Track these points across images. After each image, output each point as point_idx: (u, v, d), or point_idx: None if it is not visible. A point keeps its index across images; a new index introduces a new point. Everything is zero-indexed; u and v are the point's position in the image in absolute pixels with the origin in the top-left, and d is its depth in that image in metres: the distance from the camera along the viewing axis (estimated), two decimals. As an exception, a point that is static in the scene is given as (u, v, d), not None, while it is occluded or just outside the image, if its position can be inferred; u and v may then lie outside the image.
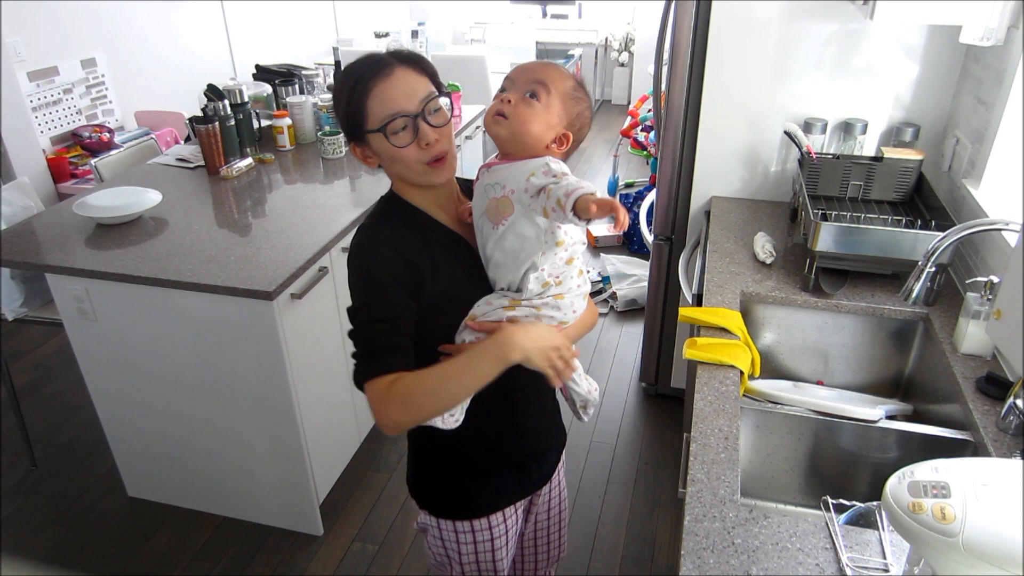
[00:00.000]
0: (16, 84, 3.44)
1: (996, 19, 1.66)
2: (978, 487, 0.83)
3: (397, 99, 1.08)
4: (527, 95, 1.12)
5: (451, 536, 1.34)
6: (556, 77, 1.14)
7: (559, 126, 1.14)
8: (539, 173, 1.08)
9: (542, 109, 1.11)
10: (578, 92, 1.16)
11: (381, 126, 1.08)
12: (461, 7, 7.03)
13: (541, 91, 1.12)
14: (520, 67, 1.16)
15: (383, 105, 1.08)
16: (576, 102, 1.16)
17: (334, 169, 2.65)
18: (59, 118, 3.73)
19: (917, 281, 1.44)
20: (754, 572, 1.07)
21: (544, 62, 1.21)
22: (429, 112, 1.10)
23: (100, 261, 1.98)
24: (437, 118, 1.11)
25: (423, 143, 1.09)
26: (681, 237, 2.55)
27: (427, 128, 1.09)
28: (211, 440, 2.18)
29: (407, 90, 1.09)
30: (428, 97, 1.10)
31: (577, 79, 1.19)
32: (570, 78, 1.17)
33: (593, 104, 1.21)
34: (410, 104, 1.08)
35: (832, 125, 2.21)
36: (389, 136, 1.08)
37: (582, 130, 1.18)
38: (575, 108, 1.15)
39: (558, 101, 1.13)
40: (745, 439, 1.53)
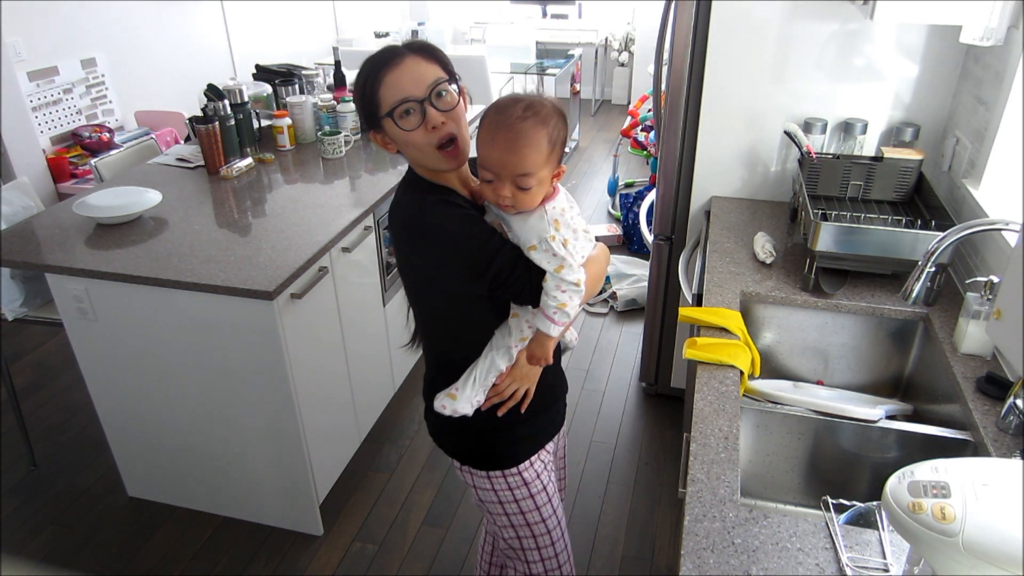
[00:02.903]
0: (16, 84, 3.44)
1: (996, 19, 1.66)
2: (978, 487, 0.83)
3: (405, 85, 1.15)
4: (518, 188, 1.14)
5: (508, 495, 1.42)
6: (532, 152, 1.12)
7: (552, 174, 1.18)
8: (540, 249, 1.17)
9: (537, 186, 1.15)
10: (553, 133, 1.14)
11: (390, 111, 1.15)
12: (461, 7, 7.03)
13: (529, 179, 1.13)
14: (498, 147, 1.13)
15: (393, 92, 1.15)
16: (556, 146, 1.16)
17: (334, 169, 2.65)
18: (59, 118, 3.73)
19: (917, 281, 1.44)
20: (754, 572, 1.07)
21: (511, 134, 1.12)
22: (435, 96, 1.16)
23: (100, 261, 1.98)
24: (443, 102, 1.17)
25: (430, 126, 1.15)
26: (681, 237, 2.55)
27: (433, 112, 1.15)
28: (211, 440, 2.18)
29: (415, 76, 1.15)
30: (436, 82, 1.16)
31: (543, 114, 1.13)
32: (541, 134, 1.12)
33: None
34: (417, 90, 1.15)
35: (832, 125, 2.21)
36: (397, 120, 1.15)
37: (565, 143, 1.20)
38: (559, 151, 1.17)
39: (544, 166, 1.14)
40: (745, 439, 1.53)
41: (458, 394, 1.29)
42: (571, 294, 1.19)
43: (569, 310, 1.20)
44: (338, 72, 3.16)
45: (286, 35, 5.39)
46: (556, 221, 1.18)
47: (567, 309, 1.20)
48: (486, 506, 1.47)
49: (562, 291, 1.18)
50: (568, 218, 1.20)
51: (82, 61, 3.83)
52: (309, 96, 2.98)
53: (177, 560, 2.21)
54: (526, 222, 1.18)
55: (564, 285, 1.18)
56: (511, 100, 1.15)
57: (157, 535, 2.30)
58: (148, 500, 2.43)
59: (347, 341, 2.33)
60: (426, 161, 1.20)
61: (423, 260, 1.22)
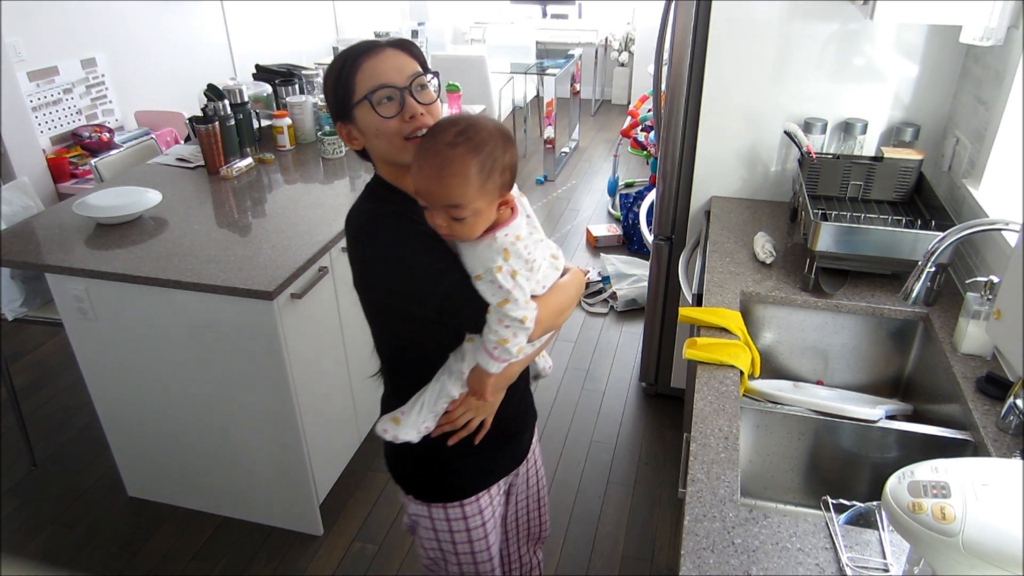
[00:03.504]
0: (16, 84, 3.44)
1: (996, 19, 1.66)
2: (978, 487, 0.83)
3: (386, 72, 1.10)
4: (452, 218, 1.05)
5: (444, 525, 1.35)
6: (460, 183, 1.02)
7: (494, 204, 1.07)
8: (485, 280, 1.09)
9: (473, 217, 1.05)
10: (488, 161, 1.03)
11: (368, 94, 1.10)
12: (461, 7, 7.03)
13: (460, 211, 1.04)
14: (425, 175, 1.04)
15: (371, 78, 1.10)
16: (493, 175, 1.04)
17: (334, 169, 2.65)
18: (59, 118, 3.73)
19: (917, 281, 1.44)
20: (754, 572, 1.07)
21: (438, 161, 1.03)
22: (416, 88, 1.12)
23: (100, 261, 1.98)
24: (424, 95, 1.13)
25: (407, 115, 1.10)
26: (681, 237, 2.55)
27: (413, 101, 1.11)
28: (211, 440, 2.18)
29: (396, 66, 1.11)
30: (417, 74, 1.12)
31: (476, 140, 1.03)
32: (471, 163, 1.02)
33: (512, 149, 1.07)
34: (398, 78, 1.10)
35: (832, 125, 2.21)
36: (375, 105, 1.09)
37: (513, 169, 1.09)
38: (502, 179, 1.06)
39: (478, 197, 1.04)
40: (745, 439, 1.53)
41: (403, 419, 1.20)
42: (515, 330, 1.09)
43: (511, 347, 1.10)
44: (338, 72, 3.16)
45: (286, 35, 5.39)
46: (506, 250, 1.07)
47: (508, 346, 1.10)
48: (418, 530, 1.40)
49: (504, 326, 1.08)
50: (523, 247, 1.09)
51: (82, 61, 3.83)
52: (309, 96, 2.99)
53: (177, 560, 2.21)
54: (474, 249, 1.09)
55: (507, 320, 1.08)
56: (447, 122, 1.05)
57: (157, 535, 2.30)
58: (148, 500, 2.42)
59: (347, 341, 2.33)
60: (395, 154, 1.12)
61: (371, 275, 1.15)
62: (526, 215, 1.15)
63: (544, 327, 1.15)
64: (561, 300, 1.19)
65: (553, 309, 1.17)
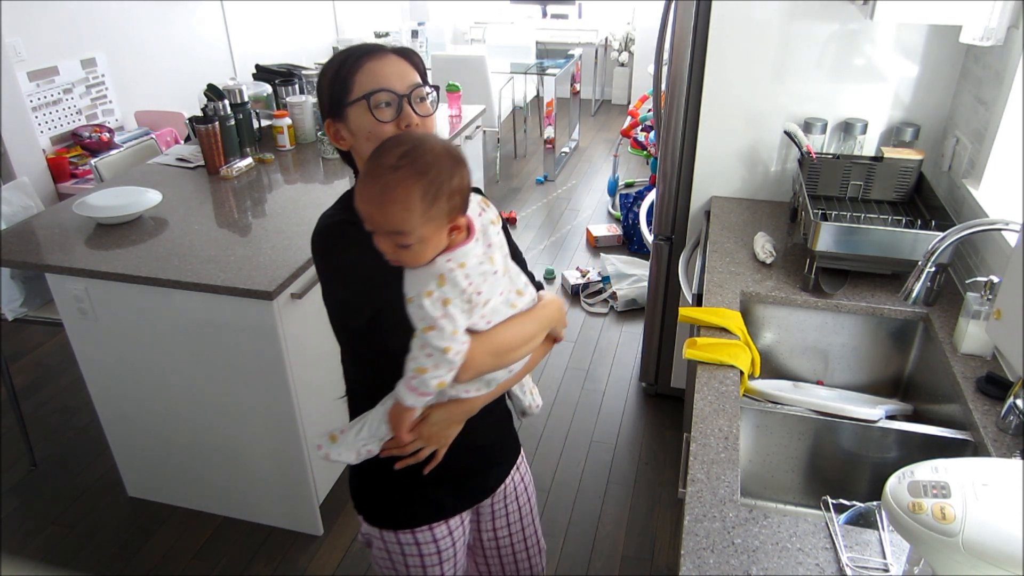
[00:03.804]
0: (16, 84, 3.44)
1: (996, 19, 1.67)
2: (978, 487, 0.83)
3: (387, 76, 1.08)
4: (395, 245, 0.99)
5: (396, 548, 1.31)
6: (401, 210, 0.95)
7: (443, 230, 1.00)
8: (415, 303, 1.01)
9: (418, 245, 0.99)
10: (433, 187, 0.96)
11: (366, 94, 1.07)
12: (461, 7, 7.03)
13: (404, 238, 0.97)
14: (367, 199, 0.98)
15: (372, 79, 1.08)
16: (439, 200, 0.97)
17: (334, 169, 2.65)
18: (59, 118, 3.73)
19: (917, 281, 1.44)
20: (754, 572, 1.07)
21: (378, 185, 0.97)
22: (416, 99, 1.10)
23: (100, 261, 1.98)
24: (422, 107, 1.11)
25: (403, 124, 1.08)
26: (681, 237, 2.55)
27: (411, 111, 1.09)
28: (211, 440, 2.18)
29: (398, 72, 1.09)
30: (417, 85, 1.11)
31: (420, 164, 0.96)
32: (413, 189, 0.95)
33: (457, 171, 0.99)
34: (399, 85, 1.09)
35: (832, 125, 2.21)
36: (372, 107, 1.06)
37: (464, 193, 1.01)
38: (450, 205, 0.98)
39: (422, 224, 0.97)
40: (745, 439, 1.53)
41: (340, 438, 1.12)
42: (436, 361, 1.01)
43: (428, 378, 1.02)
44: (338, 72, 3.16)
45: (286, 35, 5.39)
46: (441, 276, 0.99)
47: (426, 377, 1.01)
48: (372, 549, 1.35)
49: (426, 354, 1.01)
50: (463, 276, 1.00)
51: (82, 61, 3.83)
52: (309, 96, 2.99)
53: (177, 560, 2.21)
54: (413, 270, 1.03)
55: (429, 348, 1.00)
56: (392, 143, 0.98)
57: (157, 535, 2.30)
58: (148, 500, 2.43)
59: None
60: None
61: (322, 284, 1.12)
62: (486, 243, 1.06)
63: (479, 367, 1.07)
64: (507, 339, 1.09)
65: (494, 347, 1.08)
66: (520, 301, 1.12)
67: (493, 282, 1.06)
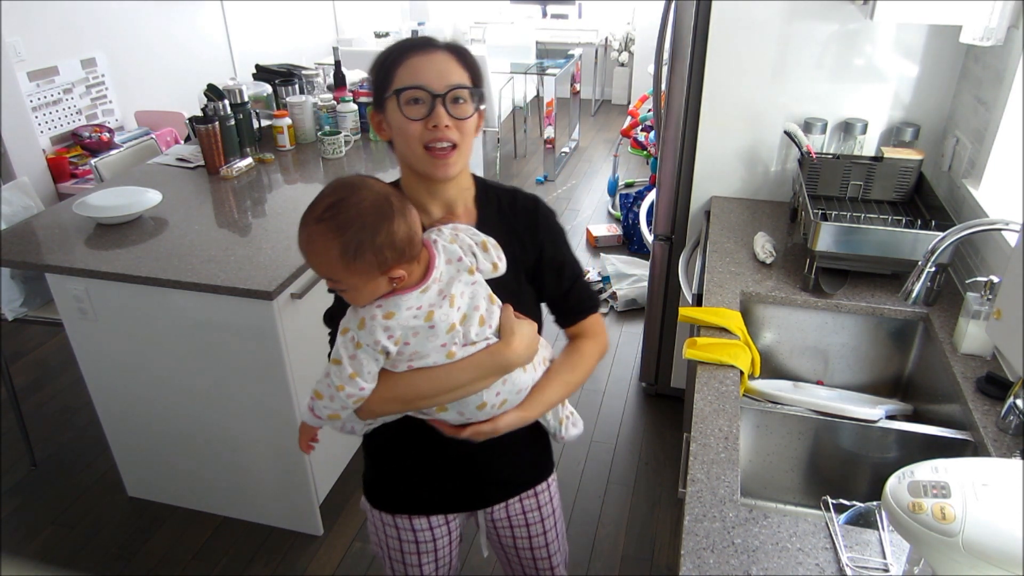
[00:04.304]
0: (16, 84, 3.44)
1: (996, 19, 1.67)
2: (978, 487, 0.83)
3: (425, 73, 1.07)
4: (332, 285, 1.04)
5: (380, 525, 1.37)
6: (321, 262, 1.00)
7: (375, 279, 1.01)
8: (338, 334, 1.08)
9: (351, 291, 1.03)
10: (354, 243, 0.97)
11: (400, 89, 1.06)
12: (461, 7, 7.03)
13: (336, 284, 1.02)
14: (299, 245, 1.02)
15: (410, 74, 1.07)
16: (362, 254, 0.97)
17: (334, 169, 2.65)
18: (59, 118, 3.73)
19: (917, 281, 1.44)
20: (754, 572, 1.07)
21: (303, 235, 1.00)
22: (452, 99, 1.07)
23: (100, 261, 1.98)
24: (458, 108, 1.08)
25: (431, 124, 1.06)
26: (681, 237, 2.55)
27: (443, 111, 1.06)
28: (211, 440, 2.18)
29: (440, 70, 1.07)
30: (458, 86, 1.07)
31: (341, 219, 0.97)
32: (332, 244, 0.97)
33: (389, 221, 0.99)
34: (436, 83, 1.06)
35: (832, 125, 2.21)
36: (402, 104, 1.06)
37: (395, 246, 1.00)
38: (371, 259, 0.98)
39: (351, 277, 1.00)
40: (745, 439, 1.53)
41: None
42: (331, 394, 1.06)
43: (320, 406, 1.08)
44: (338, 72, 3.16)
45: (286, 35, 5.39)
46: (362, 320, 1.03)
47: (319, 404, 1.08)
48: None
49: (326, 384, 1.07)
50: (381, 327, 1.02)
51: (82, 61, 3.83)
52: (309, 96, 2.99)
53: (177, 560, 2.21)
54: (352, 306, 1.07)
55: (328, 380, 1.06)
56: (328, 191, 1.00)
57: (157, 535, 2.30)
58: (148, 500, 2.43)
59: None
60: (411, 159, 1.10)
61: None
62: (442, 294, 1.05)
63: (378, 411, 1.11)
64: (419, 388, 1.08)
65: (399, 395, 1.09)
66: (462, 352, 1.08)
67: (426, 336, 1.05)
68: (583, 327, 1.27)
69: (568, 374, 1.22)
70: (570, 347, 1.27)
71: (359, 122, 2.95)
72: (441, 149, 1.08)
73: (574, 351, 1.26)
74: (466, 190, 1.19)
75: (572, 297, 1.26)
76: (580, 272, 1.27)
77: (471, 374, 1.09)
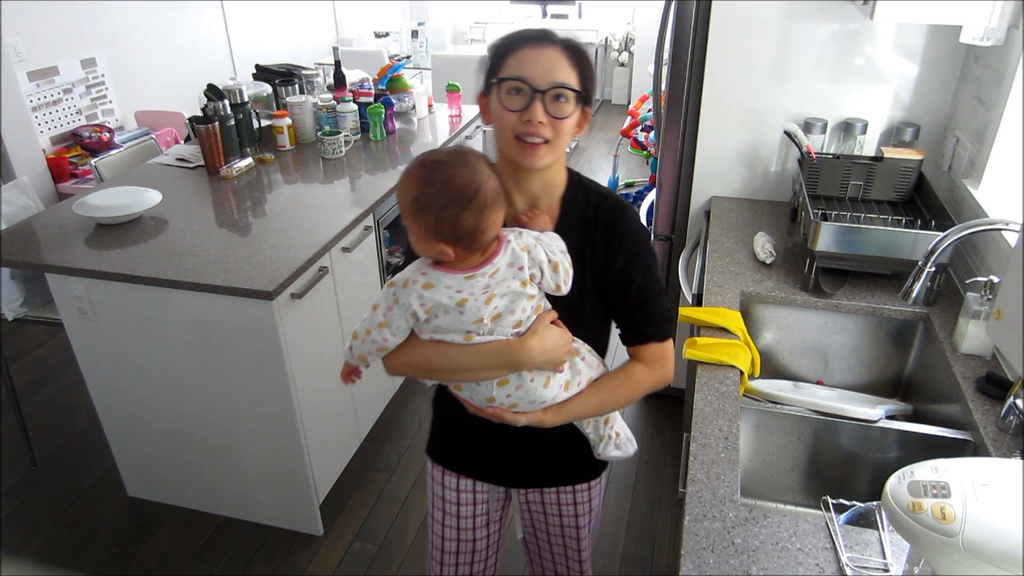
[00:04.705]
0: (16, 84, 3.44)
1: (996, 19, 1.67)
2: (978, 487, 0.83)
3: (531, 67, 1.08)
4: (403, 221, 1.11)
5: (427, 469, 1.46)
6: (400, 196, 1.08)
7: (427, 241, 1.07)
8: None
9: (412, 231, 1.09)
10: (423, 200, 1.04)
11: (503, 78, 1.09)
12: (461, 7, 7.03)
13: (404, 220, 1.10)
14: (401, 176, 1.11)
15: (517, 65, 1.09)
16: (424, 214, 1.05)
17: (334, 169, 2.65)
18: (59, 118, 3.73)
19: (917, 281, 1.44)
20: (754, 572, 1.07)
21: (406, 169, 1.09)
22: (553, 97, 1.08)
23: (100, 261, 1.98)
24: (557, 107, 1.09)
25: (525, 118, 1.08)
26: (681, 237, 2.55)
27: (539, 108, 1.08)
28: (211, 440, 2.18)
29: (548, 66, 1.08)
30: (562, 85, 1.08)
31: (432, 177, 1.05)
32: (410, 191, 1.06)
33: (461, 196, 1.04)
34: (539, 79, 1.07)
35: (832, 125, 2.21)
36: (504, 92, 1.09)
37: (455, 228, 1.04)
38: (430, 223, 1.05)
39: (409, 222, 1.08)
40: (745, 439, 1.53)
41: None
42: (363, 335, 1.16)
43: (355, 345, 1.17)
44: (338, 72, 3.16)
45: (286, 35, 5.39)
46: (407, 281, 1.11)
47: (355, 343, 1.17)
48: None
49: (363, 325, 1.16)
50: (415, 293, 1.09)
51: (82, 61, 3.83)
52: (309, 96, 2.99)
53: (177, 560, 2.21)
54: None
55: (366, 322, 1.15)
56: (448, 152, 1.09)
57: (157, 535, 2.30)
58: (148, 500, 2.43)
59: (347, 341, 2.33)
60: (504, 146, 1.13)
61: None
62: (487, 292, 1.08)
63: (394, 369, 1.19)
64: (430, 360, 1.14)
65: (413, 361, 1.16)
66: (482, 340, 1.11)
67: (454, 318, 1.10)
68: (640, 352, 1.23)
69: (607, 393, 1.21)
70: (623, 367, 1.24)
71: (359, 122, 2.95)
72: (532, 143, 1.09)
73: (623, 372, 1.24)
74: (554, 187, 1.20)
75: (636, 318, 1.22)
76: (652, 295, 1.21)
77: (480, 360, 1.12)
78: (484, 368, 1.12)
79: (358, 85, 3.15)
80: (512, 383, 1.14)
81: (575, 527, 1.45)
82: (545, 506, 1.43)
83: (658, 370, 1.23)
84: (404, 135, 3.06)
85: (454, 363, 1.13)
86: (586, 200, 1.20)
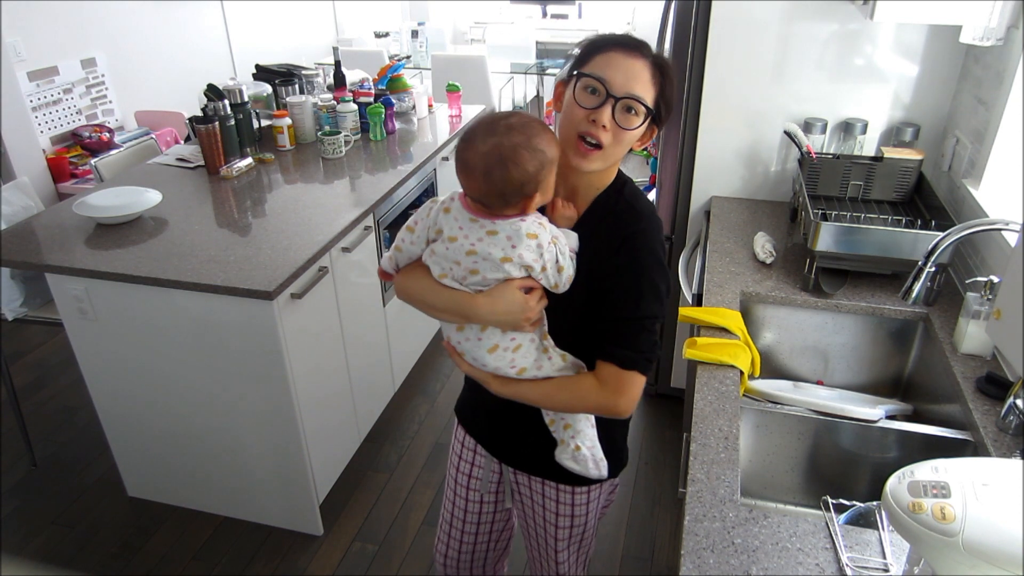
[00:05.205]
0: (16, 84, 3.44)
1: (996, 19, 1.67)
2: (978, 487, 0.83)
3: (615, 71, 1.09)
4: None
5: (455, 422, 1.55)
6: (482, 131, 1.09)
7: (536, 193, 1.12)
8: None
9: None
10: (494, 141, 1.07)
11: (585, 74, 1.10)
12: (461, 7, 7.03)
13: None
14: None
15: (602, 65, 1.10)
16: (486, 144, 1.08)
17: (334, 169, 2.65)
18: (59, 118, 3.73)
19: (917, 281, 1.44)
20: (754, 572, 1.07)
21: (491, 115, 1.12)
22: (624, 107, 1.10)
23: (100, 261, 1.98)
24: (625, 118, 1.10)
25: (591, 118, 1.09)
26: (681, 237, 2.55)
27: (607, 112, 1.09)
28: (211, 440, 2.18)
29: (630, 74, 1.09)
30: (636, 97, 1.09)
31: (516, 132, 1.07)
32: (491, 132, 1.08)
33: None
34: (618, 85, 1.09)
35: (832, 125, 2.21)
36: (579, 87, 1.11)
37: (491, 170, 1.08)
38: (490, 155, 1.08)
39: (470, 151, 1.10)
40: (745, 439, 1.53)
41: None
42: (393, 247, 1.25)
43: (388, 254, 1.26)
44: (338, 72, 3.16)
45: (286, 35, 5.39)
46: (437, 199, 1.19)
47: (389, 252, 1.25)
48: None
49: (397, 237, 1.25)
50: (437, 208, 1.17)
51: (82, 61, 3.83)
52: (309, 96, 2.98)
53: (177, 560, 2.21)
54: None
55: (398, 236, 1.24)
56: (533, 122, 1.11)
57: (157, 535, 2.30)
58: (148, 500, 2.42)
59: (347, 341, 2.33)
60: (563, 137, 1.14)
61: None
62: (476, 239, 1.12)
63: (398, 294, 1.26)
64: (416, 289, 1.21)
65: (408, 286, 1.23)
66: (449, 284, 1.18)
67: (441, 246, 1.15)
68: (599, 367, 1.17)
69: (552, 388, 1.19)
70: (580, 373, 1.20)
71: (359, 122, 2.95)
72: (588, 144, 1.11)
73: (576, 377, 1.19)
74: (595, 188, 1.21)
75: (602, 331, 1.17)
76: (629, 316, 1.15)
77: (442, 303, 1.18)
78: (444, 311, 1.19)
79: (358, 85, 3.15)
80: (465, 333, 1.20)
81: (554, 525, 1.44)
82: (531, 492, 1.44)
83: (607, 394, 1.16)
84: (404, 135, 3.06)
85: (424, 298, 1.20)
86: (616, 207, 1.20)
